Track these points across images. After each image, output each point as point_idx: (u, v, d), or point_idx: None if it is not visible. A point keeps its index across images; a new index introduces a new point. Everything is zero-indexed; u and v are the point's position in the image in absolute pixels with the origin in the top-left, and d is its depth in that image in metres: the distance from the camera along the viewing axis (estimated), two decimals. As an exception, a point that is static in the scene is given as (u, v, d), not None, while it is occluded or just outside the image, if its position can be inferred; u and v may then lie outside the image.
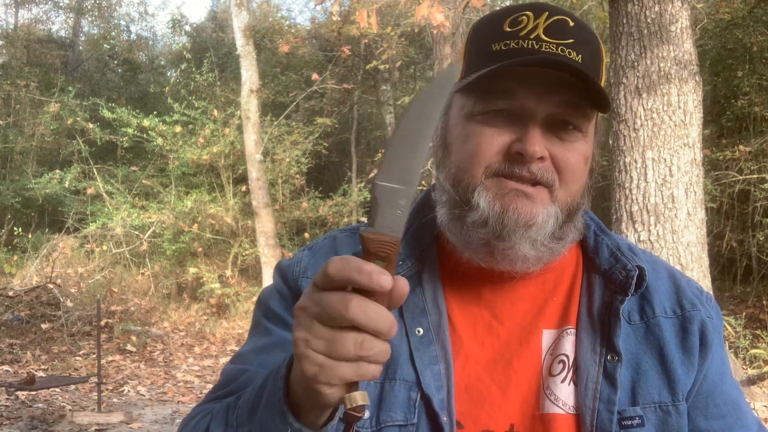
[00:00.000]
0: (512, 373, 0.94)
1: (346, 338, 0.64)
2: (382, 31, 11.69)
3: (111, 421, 5.55)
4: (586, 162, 0.94)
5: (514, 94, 0.89)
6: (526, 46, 0.89)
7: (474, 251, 0.93)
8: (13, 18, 21.64)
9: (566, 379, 0.94)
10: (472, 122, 0.92)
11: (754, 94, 9.94)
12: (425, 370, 0.92)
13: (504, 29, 0.91)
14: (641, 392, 0.93)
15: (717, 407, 0.98)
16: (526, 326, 0.96)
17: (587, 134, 0.93)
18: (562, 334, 0.96)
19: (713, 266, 7.16)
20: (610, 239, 1.01)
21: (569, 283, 0.99)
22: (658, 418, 0.93)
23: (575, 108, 0.90)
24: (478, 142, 0.90)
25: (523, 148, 0.88)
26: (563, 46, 0.89)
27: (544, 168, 0.90)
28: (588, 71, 0.88)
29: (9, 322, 8.93)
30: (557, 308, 0.97)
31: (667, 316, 0.97)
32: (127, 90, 18.12)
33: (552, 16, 0.91)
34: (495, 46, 0.91)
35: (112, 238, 11.91)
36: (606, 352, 0.93)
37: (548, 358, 0.95)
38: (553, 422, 0.92)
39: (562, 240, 0.93)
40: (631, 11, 4.79)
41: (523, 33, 0.90)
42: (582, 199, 0.95)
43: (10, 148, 14.44)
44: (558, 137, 0.90)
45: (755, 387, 5.95)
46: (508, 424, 0.92)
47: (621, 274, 0.96)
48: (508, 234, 0.89)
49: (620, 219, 4.79)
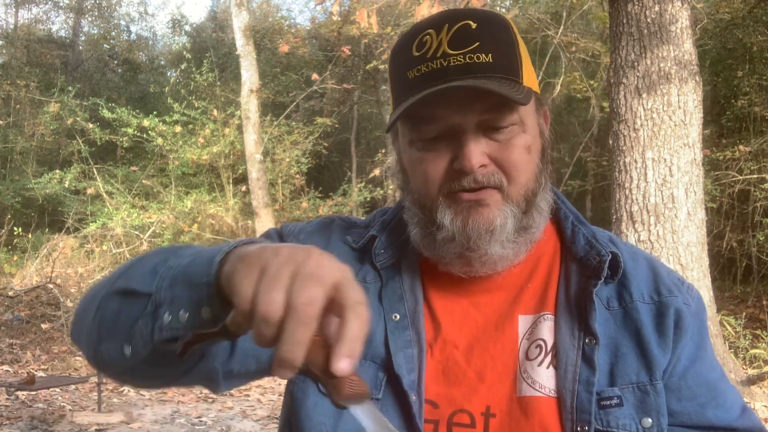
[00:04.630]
0: (488, 357, 0.98)
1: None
2: (382, 31, 11.69)
3: (111, 421, 5.55)
4: (528, 151, 0.96)
5: (439, 117, 0.93)
6: (435, 66, 0.93)
7: (450, 264, 0.98)
8: (13, 18, 21.65)
9: (544, 363, 0.97)
10: (414, 149, 0.97)
11: (754, 94, 9.94)
12: (399, 352, 0.96)
13: (413, 54, 0.95)
14: (619, 374, 0.96)
15: (690, 389, 1.01)
16: (503, 313, 1.00)
17: (524, 122, 0.96)
18: (539, 320, 0.99)
19: (713, 266, 7.16)
20: (587, 229, 1.05)
21: (546, 270, 1.03)
22: (636, 397, 0.96)
23: (499, 110, 0.93)
24: (425, 168, 0.96)
25: (462, 164, 0.92)
26: (470, 53, 0.92)
27: (489, 173, 0.94)
28: (499, 71, 0.92)
29: (9, 322, 8.93)
30: (533, 295, 1.01)
31: (644, 301, 1.00)
32: (127, 90, 18.12)
33: (453, 26, 0.93)
34: (410, 74, 0.95)
35: (112, 238, 11.90)
36: (584, 335, 0.96)
37: (524, 342, 0.98)
38: (531, 404, 0.95)
39: (530, 228, 0.98)
40: (631, 11, 4.80)
41: (430, 54, 0.93)
42: (536, 184, 0.98)
43: (10, 148, 14.45)
44: (494, 139, 0.94)
45: (755, 387, 5.95)
46: (484, 405, 0.96)
47: (595, 260, 1.00)
48: (476, 243, 0.95)
49: (620, 219, 4.79)
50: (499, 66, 0.93)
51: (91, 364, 0.92)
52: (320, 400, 0.96)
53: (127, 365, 0.84)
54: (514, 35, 0.97)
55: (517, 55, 0.96)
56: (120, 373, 0.90)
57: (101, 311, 0.86)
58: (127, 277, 0.85)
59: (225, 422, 5.77)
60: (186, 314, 0.73)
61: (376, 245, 1.03)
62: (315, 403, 0.96)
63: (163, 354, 0.78)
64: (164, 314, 0.75)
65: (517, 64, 0.95)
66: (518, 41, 0.97)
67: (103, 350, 0.85)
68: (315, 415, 0.96)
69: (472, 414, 0.95)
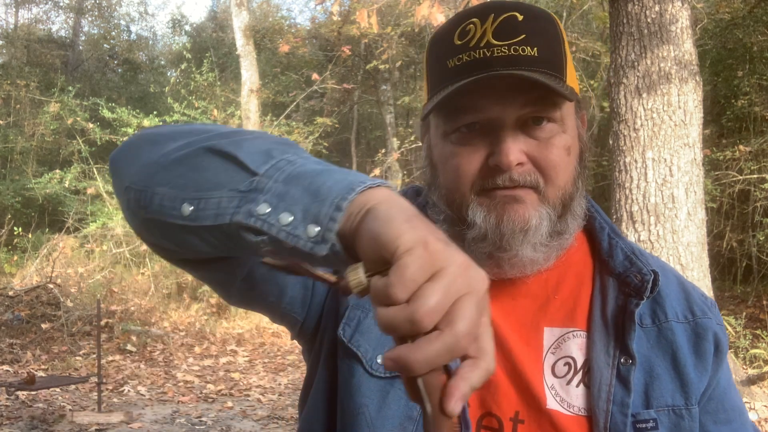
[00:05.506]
0: (513, 365, 0.95)
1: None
2: (382, 31, 11.69)
3: (111, 421, 5.55)
4: (568, 152, 0.92)
5: (478, 107, 0.89)
6: (478, 56, 0.89)
7: (480, 267, 0.93)
8: (13, 18, 21.65)
9: (573, 381, 0.94)
10: (447, 142, 0.93)
11: (754, 94, 9.94)
12: None
13: (455, 43, 0.91)
14: (655, 395, 0.94)
15: (726, 413, 1.00)
16: (527, 322, 0.97)
17: (564, 122, 0.92)
18: (568, 336, 0.96)
19: (713, 266, 7.16)
20: (625, 243, 1.00)
21: (575, 282, 0.99)
22: (671, 421, 0.94)
23: (542, 103, 0.89)
24: (458, 163, 0.91)
25: (498, 161, 0.88)
26: (515, 45, 0.88)
27: (526, 172, 0.90)
28: (543, 66, 0.88)
29: (9, 322, 8.93)
30: (561, 307, 0.97)
31: (678, 321, 0.97)
32: (127, 90, 18.13)
33: (498, 17, 0.90)
34: (450, 62, 0.91)
35: (113, 238, 11.90)
36: (620, 354, 0.93)
37: (550, 356, 0.95)
38: (561, 420, 0.93)
39: (564, 234, 0.94)
40: (631, 11, 4.79)
41: (473, 43, 0.89)
42: (574, 187, 0.94)
43: (10, 148, 14.44)
44: (533, 137, 0.90)
45: (755, 387, 5.95)
46: (513, 411, 0.93)
47: (636, 278, 0.96)
48: (508, 243, 0.90)
49: (620, 219, 4.79)
50: (544, 61, 0.89)
51: (122, 193, 0.78)
52: (365, 381, 0.91)
53: (167, 219, 0.72)
54: (561, 32, 0.93)
55: (562, 52, 0.92)
56: (146, 221, 0.76)
57: (178, 153, 0.74)
58: (233, 143, 0.72)
59: (225, 422, 5.77)
60: (290, 218, 0.63)
61: None
62: (360, 383, 0.92)
63: (225, 234, 0.68)
64: (262, 202, 0.65)
65: (562, 61, 0.91)
66: (564, 39, 0.93)
67: (156, 193, 0.73)
68: (358, 396, 0.91)
69: (500, 419, 0.93)
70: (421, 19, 6.99)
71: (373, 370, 0.92)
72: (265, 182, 0.66)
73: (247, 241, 0.66)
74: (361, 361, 0.92)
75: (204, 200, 0.69)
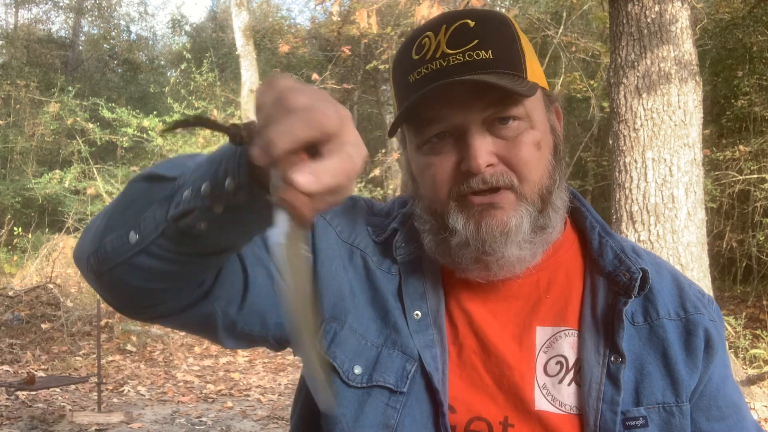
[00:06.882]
0: (505, 367, 0.95)
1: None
2: (382, 31, 11.69)
3: (111, 421, 5.55)
4: (538, 147, 0.93)
5: (442, 117, 0.91)
6: (435, 67, 0.91)
7: (468, 270, 0.95)
8: (13, 18, 21.66)
9: (565, 380, 0.95)
10: (421, 154, 0.95)
11: (754, 94, 9.93)
12: (425, 350, 0.94)
13: (413, 58, 0.94)
14: (645, 393, 0.94)
15: (719, 409, 0.99)
16: (520, 323, 0.98)
17: (531, 118, 0.93)
18: (559, 335, 0.97)
19: (713, 266, 7.15)
20: (615, 241, 1.01)
21: (566, 281, 1.00)
22: (662, 418, 0.94)
23: (502, 103, 0.91)
24: (433, 173, 0.94)
25: (469, 165, 0.90)
26: (469, 51, 0.90)
27: (498, 172, 0.91)
28: (499, 66, 0.90)
29: (9, 322, 8.93)
30: (552, 306, 0.98)
31: (670, 318, 0.98)
32: (127, 90, 18.13)
33: (451, 26, 0.92)
34: (411, 77, 0.93)
35: (112, 238, 11.89)
36: (610, 353, 0.94)
37: (542, 356, 0.96)
38: (551, 421, 0.93)
39: (547, 228, 0.95)
40: (631, 11, 4.79)
41: (429, 56, 0.92)
42: (550, 181, 0.95)
43: (10, 148, 14.45)
44: (501, 137, 0.92)
45: (755, 387, 5.95)
46: (503, 415, 0.94)
47: (625, 277, 0.97)
48: (491, 247, 0.92)
49: (620, 219, 4.79)
50: (500, 61, 0.90)
51: (86, 269, 0.82)
52: (342, 391, 0.94)
53: (126, 258, 0.77)
54: (515, 31, 0.95)
55: (518, 50, 0.93)
56: (110, 276, 0.80)
57: (120, 200, 0.82)
58: (153, 167, 0.82)
59: (225, 422, 5.77)
60: (208, 186, 0.69)
61: (397, 239, 1.00)
62: (337, 393, 0.94)
63: (171, 241, 0.74)
64: (184, 192, 0.72)
65: (519, 59, 0.92)
66: (520, 37, 0.95)
67: (106, 242, 0.78)
68: (335, 407, 0.94)
69: (489, 423, 0.93)
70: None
71: (350, 381, 0.94)
72: (183, 179, 0.74)
73: (187, 231, 0.72)
74: (338, 372, 0.94)
75: (142, 220, 0.76)
